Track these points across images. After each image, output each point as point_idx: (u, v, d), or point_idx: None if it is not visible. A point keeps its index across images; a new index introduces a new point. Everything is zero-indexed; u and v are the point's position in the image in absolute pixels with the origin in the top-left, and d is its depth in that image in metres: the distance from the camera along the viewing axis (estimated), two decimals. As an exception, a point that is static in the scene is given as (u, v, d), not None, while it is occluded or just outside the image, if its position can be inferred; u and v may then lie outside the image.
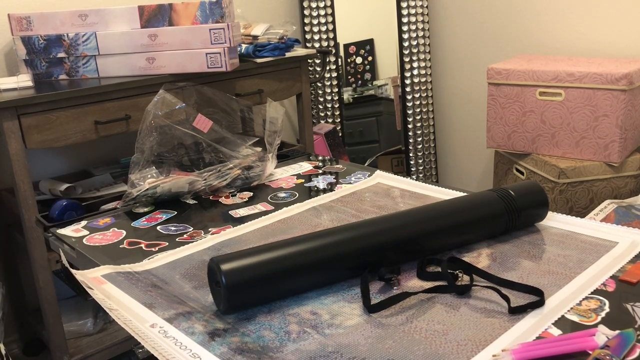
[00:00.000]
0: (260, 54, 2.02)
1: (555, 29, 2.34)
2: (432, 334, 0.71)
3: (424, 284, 0.83)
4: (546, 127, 2.05)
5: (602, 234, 0.94)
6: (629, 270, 0.82)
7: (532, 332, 0.70)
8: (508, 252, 0.90)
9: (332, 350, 0.69)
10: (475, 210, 0.93)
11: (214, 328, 0.74)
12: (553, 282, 0.81)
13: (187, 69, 1.82)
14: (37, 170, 1.98)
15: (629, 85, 1.87)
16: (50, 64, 1.84)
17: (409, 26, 2.66)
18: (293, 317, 0.76)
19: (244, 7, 2.31)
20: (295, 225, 1.05)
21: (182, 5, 1.82)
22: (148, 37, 1.81)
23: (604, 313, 0.73)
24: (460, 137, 2.82)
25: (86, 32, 1.81)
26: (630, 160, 1.98)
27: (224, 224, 1.08)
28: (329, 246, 0.82)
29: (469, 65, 2.68)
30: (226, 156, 1.25)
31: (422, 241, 0.88)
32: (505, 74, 2.09)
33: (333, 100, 2.66)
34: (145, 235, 1.06)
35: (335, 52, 2.62)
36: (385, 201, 1.13)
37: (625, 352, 0.64)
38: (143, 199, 1.17)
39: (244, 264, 0.77)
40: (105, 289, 0.85)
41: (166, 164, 1.22)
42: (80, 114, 1.69)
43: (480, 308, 0.76)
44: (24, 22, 1.81)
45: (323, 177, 1.31)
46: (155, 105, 1.21)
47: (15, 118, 1.58)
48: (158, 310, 0.78)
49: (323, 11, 2.57)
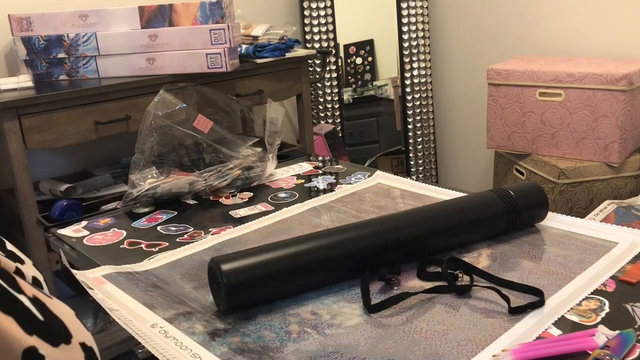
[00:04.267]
0: (261, 54, 2.02)
1: (555, 29, 2.34)
2: (432, 334, 0.71)
3: (424, 284, 0.83)
4: (546, 127, 2.05)
5: (602, 235, 0.94)
6: (629, 270, 0.82)
7: (532, 332, 0.70)
8: (508, 252, 0.90)
9: (332, 350, 0.69)
10: (475, 210, 0.93)
11: (214, 328, 0.74)
12: (553, 282, 0.81)
13: (188, 69, 1.82)
14: (37, 170, 1.98)
15: (629, 86, 1.87)
16: (50, 64, 1.84)
17: (409, 26, 2.66)
18: (293, 317, 0.76)
19: (244, 8, 2.31)
20: (295, 226, 1.05)
21: (182, 6, 1.82)
22: (148, 37, 1.81)
23: (604, 313, 0.73)
24: (460, 137, 2.82)
25: (86, 32, 1.82)
26: (630, 160, 1.98)
27: (224, 224, 1.08)
28: (329, 246, 0.82)
29: (469, 66, 2.68)
30: (226, 156, 1.25)
31: (422, 241, 0.88)
32: (505, 75, 2.09)
33: (333, 100, 2.66)
34: (145, 236, 1.06)
35: (335, 53, 2.62)
36: (385, 201, 1.13)
37: (625, 352, 0.64)
38: (143, 199, 1.18)
39: (244, 264, 0.77)
40: (105, 289, 0.86)
41: (166, 164, 1.22)
42: (81, 114, 1.69)
43: (481, 308, 0.76)
44: (24, 22, 1.81)
45: (323, 177, 1.31)
46: (156, 106, 1.21)
47: (16, 118, 1.58)
48: (158, 310, 0.78)
49: (323, 11, 2.57)
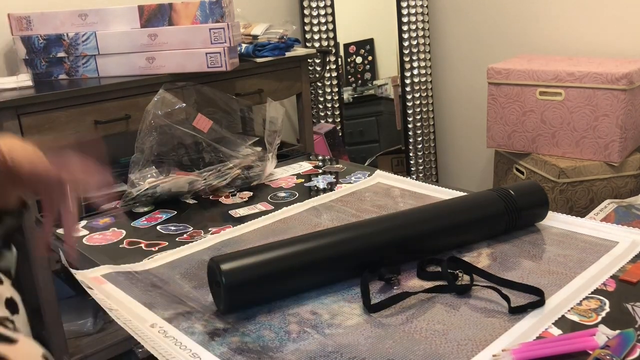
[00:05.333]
0: (260, 53, 2.02)
1: (555, 28, 2.34)
2: (432, 333, 0.71)
3: (424, 283, 0.83)
4: (546, 126, 2.04)
5: (602, 234, 0.94)
6: (629, 270, 0.82)
7: (533, 332, 0.70)
8: (508, 252, 0.90)
9: (332, 350, 0.69)
10: (475, 210, 0.93)
11: (213, 328, 0.74)
12: (553, 281, 0.80)
13: (187, 68, 1.82)
14: (37, 170, 1.98)
15: (629, 85, 1.86)
16: (50, 63, 1.84)
17: (409, 26, 2.66)
18: (293, 316, 0.76)
19: (243, 7, 2.31)
20: (295, 225, 1.05)
21: (182, 5, 1.81)
22: (148, 36, 1.81)
23: (604, 313, 0.73)
24: (460, 137, 2.82)
25: (86, 31, 1.81)
26: (630, 160, 1.98)
27: (224, 223, 1.08)
28: (329, 246, 0.82)
29: (469, 65, 2.68)
30: (226, 156, 1.25)
31: (422, 241, 0.88)
32: (505, 74, 2.09)
33: (333, 100, 2.65)
34: (145, 235, 1.05)
35: (335, 52, 2.62)
36: (385, 201, 1.13)
37: (626, 352, 0.63)
38: (143, 199, 1.17)
39: (243, 263, 0.77)
40: (105, 288, 0.85)
41: (166, 163, 1.22)
42: (80, 113, 1.68)
43: (481, 308, 0.76)
44: (24, 21, 1.81)
45: (323, 176, 1.31)
46: (155, 105, 1.21)
47: (15, 118, 1.58)
48: (158, 310, 0.78)
49: (323, 11, 2.57)
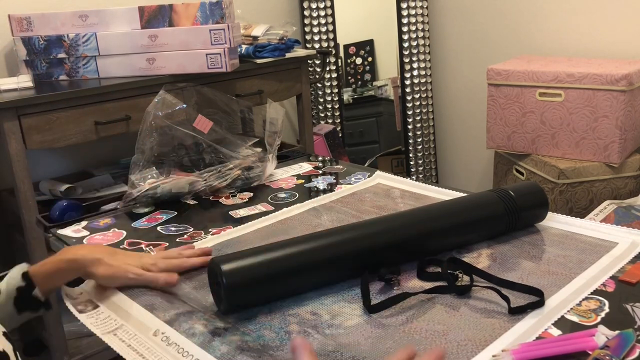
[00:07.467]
0: (261, 54, 2.02)
1: (555, 29, 2.34)
2: (432, 334, 0.71)
3: (424, 284, 0.83)
4: (546, 127, 2.05)
5: (602, 235, 0.94)
6: (629, 270, 0.82)
7: (532, 333, 0.70)
8: (508, 252, 0.90)
9: (332, 350, 0.69)
10: (475, 210, 0.93)
11: (214, 327, 0.74)
12: (553, 282, 0.81)
13: (187, 69, 1.82)
14: (37, 170, 1.98)
15: (628, 86, 1.87)
16: (50, 64, 1.84)
17: (409, 26, 2.66)
18: (293, 317, 0.76)
19: (244, 8, 2.31)
20: (295, 226, 1.05)
21: (182, 6, 1.82)
22: (148, 37, 1.81)
23: (604, 313, 0.73)
24: (460, 137, 2.82)
25: (86, 32, 1.82)
26: (630, 160, 1.98)
27: (224, 224, 1.08)
28: (329, 247, 0.82)
29: (469, 66, 2.68)
30: (226, 157, 1.25)
31: (422, 242, 0.88)
32: (505, 75, 2.09)
33: (333, 100, 2.66)
34: (145, 236, 1.06)
35: (335, 53, 2.62)
36: (385, 202, 1.13)
37: (625, 353, 0.64)
38: (143, 200, 1.17)
39: (244, 264, 0.77)
40: (105, 292, 0.86)
41: (166, 164, 1.22)
42: (81, 114, 1.69)
43: (480, 308, 0.76)
44: (25, 22, 1.81)
45: (323, 177, 1.31)
46: (156, 106, 1.21)
47: (16, 118, 1.58)
48: (159, 312, 0.78)
49: (323, 12, 2.57)
